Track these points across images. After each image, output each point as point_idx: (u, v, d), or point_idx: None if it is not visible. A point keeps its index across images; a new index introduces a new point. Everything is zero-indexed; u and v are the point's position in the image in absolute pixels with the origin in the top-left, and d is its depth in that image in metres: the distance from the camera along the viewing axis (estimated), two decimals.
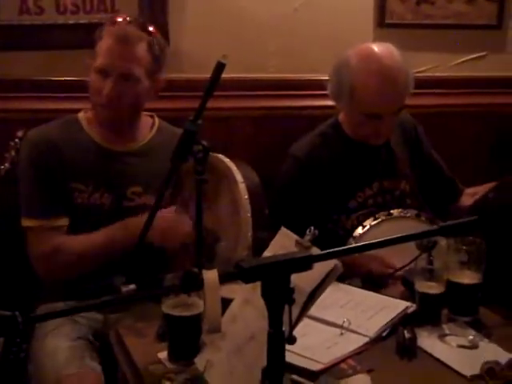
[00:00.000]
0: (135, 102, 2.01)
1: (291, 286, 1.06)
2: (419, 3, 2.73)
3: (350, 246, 1.20)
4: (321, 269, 1.22)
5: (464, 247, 1.75)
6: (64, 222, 1.99)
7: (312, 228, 1.31)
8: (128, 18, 2.01)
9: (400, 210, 2.19)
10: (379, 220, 2.15)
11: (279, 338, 1.08)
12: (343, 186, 2.22)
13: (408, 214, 2.18)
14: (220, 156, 1.80)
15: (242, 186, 1.69)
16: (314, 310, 1.65)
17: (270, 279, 1.05)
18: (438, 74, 2.81)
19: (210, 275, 1.03)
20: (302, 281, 1.20)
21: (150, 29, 2.01)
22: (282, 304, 1.06)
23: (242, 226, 1.68)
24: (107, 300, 1.07)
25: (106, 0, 2.46)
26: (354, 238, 2.13)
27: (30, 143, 2.02)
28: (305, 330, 1.61)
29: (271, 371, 1.09)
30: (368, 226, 2.14)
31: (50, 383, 1.76)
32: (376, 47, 2.14)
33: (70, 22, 2.41)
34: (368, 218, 2.16)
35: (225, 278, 1.07)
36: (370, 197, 2.25)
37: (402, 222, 2.16)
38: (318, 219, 1.80)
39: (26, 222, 1.99)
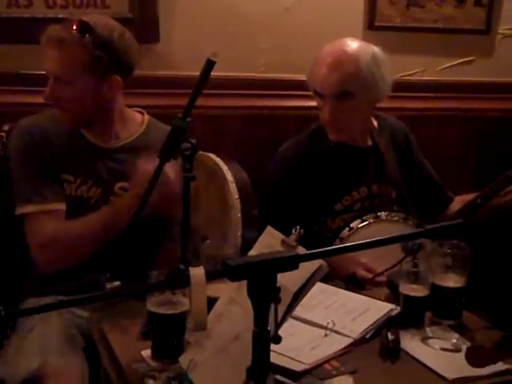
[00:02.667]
0: (79, 103, 1.97)
1: (277, 285, 1.06)
2: (409, 6, 2.74)
3: (336, 246, 1.20)
4: (306, 268, 1.22)
5: (449, 251, 1.76)
6: (61, 206, 1.99)
7: (298, 227, 1.31)
8: (69, 20, 1.97)
9: (387, 212, 2.20)
10: (366, 222, 2.16)
11: (264, 337, 1.07)
12: (330, 188, 2.23)
13: (395, 218, 2.19)
14: (211, 155, 1.80)
15: (233, 186, 1.69)
16: (299, 311, 1.67)
17: (257, 278, 1.04)
18: (425, 78, 2.83)
19: (197, 272, 1.03)
20: (287, 280, 1.19)
21: (88, 27, 1.93)
22: (268, 303, 1.06)
23: (232, 225, 1.68)
24: (91, 296, 1.06)
25: None
26: (341, 239, 2.14)
27: (23, 131, 2.02)
28: (289, 331, 1.62)
29: (256, 371, 1.09)
30: (355, 228, 2.15)
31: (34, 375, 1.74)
32: (348, 39, 2.20)
33: (60, 16, 2.39)
34: (355, 220, 2.17)
35: (211, 276, 1.06)
36: (358, 201, 2.26)
37: (389, 225, 2.16)
38: (304, 220, 1.80)
39: (22, 209, 1.97)
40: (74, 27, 1.93)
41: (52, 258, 1.96)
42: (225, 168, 1.69)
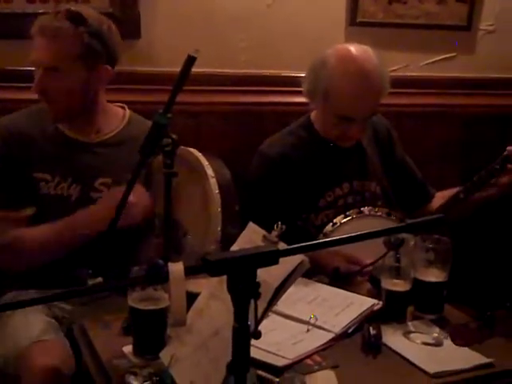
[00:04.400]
0: (70, 94, 1.97)
1: (258, 280, 1.06)
2: (391, 2, 2.74)
3: (317, 241, 1.19)
4: (287, 264, 1.22)
5: (431, 246, 1.77)
6: (29, 211, 1.97)
7: (279, 223, 1.31)
8: (59, 10, 1.96)
9: (371, 208, 2.20)
10: (350, 218, 2.16)
11: (244, 332, 1.07)
12: (313, 184, 2.23)
13: (379, 213, 2.19)
14: (192, 150, 1.79)
15: (213, 181, 1.68)
16: (281, 306, 1.67)
17: (236, 273, 1.04)
18: (408, 74, 2.83)
19: (176, 268, 1.03)
20: (268, 275, 1.19)
21: (80, 17, 1.94)
22: (248, 298, 1.06)
23: (212, 220, 1.67)
24: (71, 291, 1.06)
25: None
26: (324, 234, 2.14)
27: None
28: (272, 326, 1.63)
29: (236, 366, 1.09)
30: (338, 223, 2.15)
31: (22, 350, 1.75)
32: (354, 50, 2.12)
33: (40, 11, 2.37)
34: (338, 216, 2.17)
35: (191, 271, 1.06)
36: (340, 197, 2.26)
37: (373, 221, 2.17)
38: (287, 217, 1.80)
39: None
40: (66, 17, 1.92)
41: (12, 260, 1.96)
42: (205, 163, 1.68)
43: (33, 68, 1.98)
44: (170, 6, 2.55)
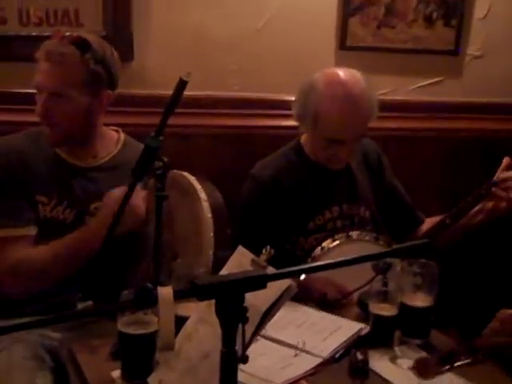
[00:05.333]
0: (73, 119, 1.97)
1: (246, 304, 1.07)
2: (380, 27, 2.78)
3: (305, 265, 1.21)
4: (275, 288, 1.23)
5: (418, 270, 1.78)
6: (32, 230, 1.97)
7: (268, 247, 1.32)
8: (66, 34, 1.96)
9: (359, 232, 2.21)
10: (338, 242, 2.17)
11: (232, 356, 1.08)
12: (303, 208, 2.24)
13: (366, 237, 2.21)
14: (184, 173, 1.80)
15: (206, 205, 1.69)
16: (269, 330, 1.68)
17: (224, 297, 1.05)
18: (396, 98, 2.86)
19: (165, 291, 1.03)
20: (256, 300, 1.20)
21: (86, 43, 1.95)
22: (236, 322, 1.07)
23: (204, 244, 1.68)
24: (59, 316, 1.06)
25: (69, 13, 2.45)
26: (313, 258, 2.15)
27: None
28: (260, 350, 1.63)
29: None
30: (326, 248, 2.16)
31: None
32: (342, 73, 2.15)
33: (33, 33, 2.39)
34: (326, 240, 2.18)
35: (180, 295, 1.07)
36: (330, 220, 2.27)
37: (360, 245, 2.18)
38: (276, 240, 1.81)
39: None
40: (72, 43, 1.93)
41: (17, 283, 1.94)
42: (198, 187, 1.70)
43: (33, 91, 1.97)
44: (162, 29, 2.57)
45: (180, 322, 1.45)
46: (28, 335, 1.89)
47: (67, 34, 1.97)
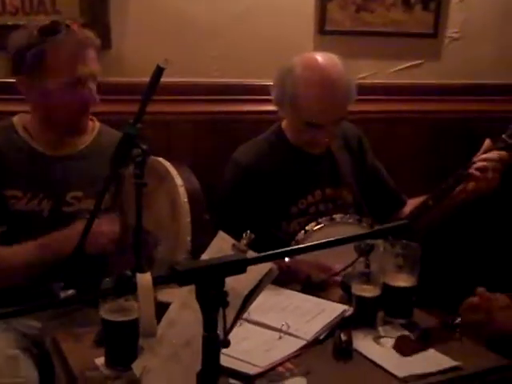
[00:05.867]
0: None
1: (227, 289, 1.07)
2: (358, 11, 2.77)
3: (286, 248, 1.21)
4: (256, 272, 1.23)
5: (400, 251, 1.79)
6: None
7: (248, 232, 1.32)
8: (69, 22, 1.97)
9: (342, 215, 2.22)
10: (321, 225, 2.18)
11: (214, 341, 1.08)
12: (285, 192, 2.24)
13: (350, 220, 2.22)
14: (160, 159, 1.79)
15: (182, 190, 1.69)
16: (253, 314, 1.68)
17: (205, 282, 1.05)
18: (376, 81, 2.87)
19: (144, 278, 1.04)
20: (238, 284, 1.21)
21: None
22: (217, 307, 1.07)
23: (181, 229, 1.68)
24: (40, 304, 1.05)
25: (46, 1, 2.42)
26: (296, 241, 2.16)
27: None
28: (244, 334, 1.63)
29: (206, 375, 1.09)
30: (310, 231, 2.17)
31: None
32: (320, 57, 2.15)
33: (9, 23, 2.37)
34: (310, 223, 2.19)
35: (159, 281, 1.07)
36: (312, 204, 2.28)
37: (344, 227, 2.19)
38: (259, 224, 1.82)
39: None
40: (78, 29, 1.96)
41: None
42: (174, 172, 1.69)
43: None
44: (140, 16, 2.55)
45: (163, 308, 1.45)
46: (10, 325, 1.89)
47: (68, 21, 1.98)
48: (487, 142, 2.20)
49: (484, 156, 2.15)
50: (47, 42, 1.91)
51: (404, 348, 1.58)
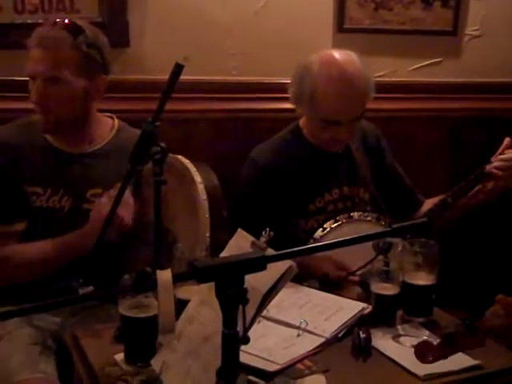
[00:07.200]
0: (70, 104, 1.97)
1: (246, 286, 1.07)
2: (377, 9, 2.76)
3: (304, 246, 1.20)
4: (276, 269, 1.23)
5: (419, 249, 1.78)
6: (20, 226, 1.97)
7: (267, 229, 1.32)
8: (56, 20, 1.97)
9: (360, 213, 2.22)
10: (339, 223, 2.17)
11: (233, 338, 1.08)
12: (303, 191, 2.24)
13: (368, 218, 2.21)
14: (179, 157, 1.80)
15: (201, 187, 1.69)
16: (272, 312, 1.69)
17: (224, 279, 1.05)
18: (395, 79, 2.85)
19: (164, 275, 1.04)
20: (257, 282, 1.20)
21: (78, 28, 1.96)
22: (236, 304, 1.07)
23: (200, 227, 1.68)
24: (60, 300, 1.06)
25: (65, 0, 2.44)
26: (314, 239, 2.15)
27: None
28: (263, 332, 1.64)
29: (226, 372, 1.10)
30: (328, 228, 2.16)
31: None
32: (337, 54, 2.14)
33: (29, 21, 2.38)
34: (328, 221, 2.19)
35: (179, 278, 1.07)
36: (330, 202, 2.27)
37: (362, 225, 2.18)
38: (277, 222, 1.82)
39: None
40: (64, 28, 1.93)
41: (2, 277, 1.95)
42: (193, 169, 1.69)
43: (25, 78, 1.98)
44: (158, 14, 2.56)
45: (181, 305, 1.46)
46: (30, 321, 1.91)
47: (58, 20, 1.97)
48: (507, 141, 2.18)
49: (503, 156, 2.14)
50: (31, 38, 1.94)
51: (425, 354, 1.51)
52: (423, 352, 1.51)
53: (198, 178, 1.69)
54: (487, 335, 1.57)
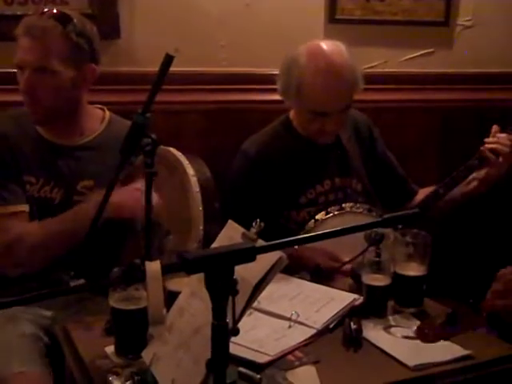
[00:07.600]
0: (58, 94, 1.96)
1: (236, 277, 1.07)
2: (369, 0, 2.76)
3: (294, 237, 1.20)
4: (266, 261, 1.23)
5: (410, 240, 1.78)
6: (25, 207, 1.96)
7: (258, 220, 1.31)
8: (44, 10, 1.95)
9: (352, 204, 2.21)
10: (331, 214, 2.17)
11: (223, 329, 1.08)
12: (294, 182, 2.24)
13: (360, 209, 2.21)
14: (171, 149, 1.80)
15: (194, 179, 1.69)
16: (263, 303, 1.68)
17: (214, 270, 1.05)
18: (387, 70, 2.85)
19: (153, 266, 1.03)
20: (247, 273, 1.20)
21: (67, 16, 1.95)
22: (226, 296, 1.06)
23: (193, 219, 1.68)
24: (50, 292, 1.05)
25: None
26: (306, 231, 2.15)
27: None
28: (254, 323, 1.64)
29: (215, 363, 1.09)
30: (320, 220, 2.16)
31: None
32: (325, 45, 2.14)
33: (18, 13, 2.37)
34: (320, 212, 2.18)
35: (168, 270, 1.06)
36: (322, 194, 2.27)
37: (354, 217, 2.18)
38: (268, 214, 1.81)
39: None
40: (52, 17, 1.92)
41: (16, 260, 1.93)
42: (185, 162, 1.69)
43: (14, 70, 1.97)
44: (148, 5, 2.55)
45: (172, 296, 1.46)
46: (21, 314, 1.90)
47: (46, 9, 1.96)
48: (494, 128, 2.19)
49: (494, 139, 2.15)
50: (18, 27, 1.93)
51: (428, 333, 1.49)
52: (425, 331, 1.50)
53: (190, 170, 1.68)
54: (490, 317, 1.56)
